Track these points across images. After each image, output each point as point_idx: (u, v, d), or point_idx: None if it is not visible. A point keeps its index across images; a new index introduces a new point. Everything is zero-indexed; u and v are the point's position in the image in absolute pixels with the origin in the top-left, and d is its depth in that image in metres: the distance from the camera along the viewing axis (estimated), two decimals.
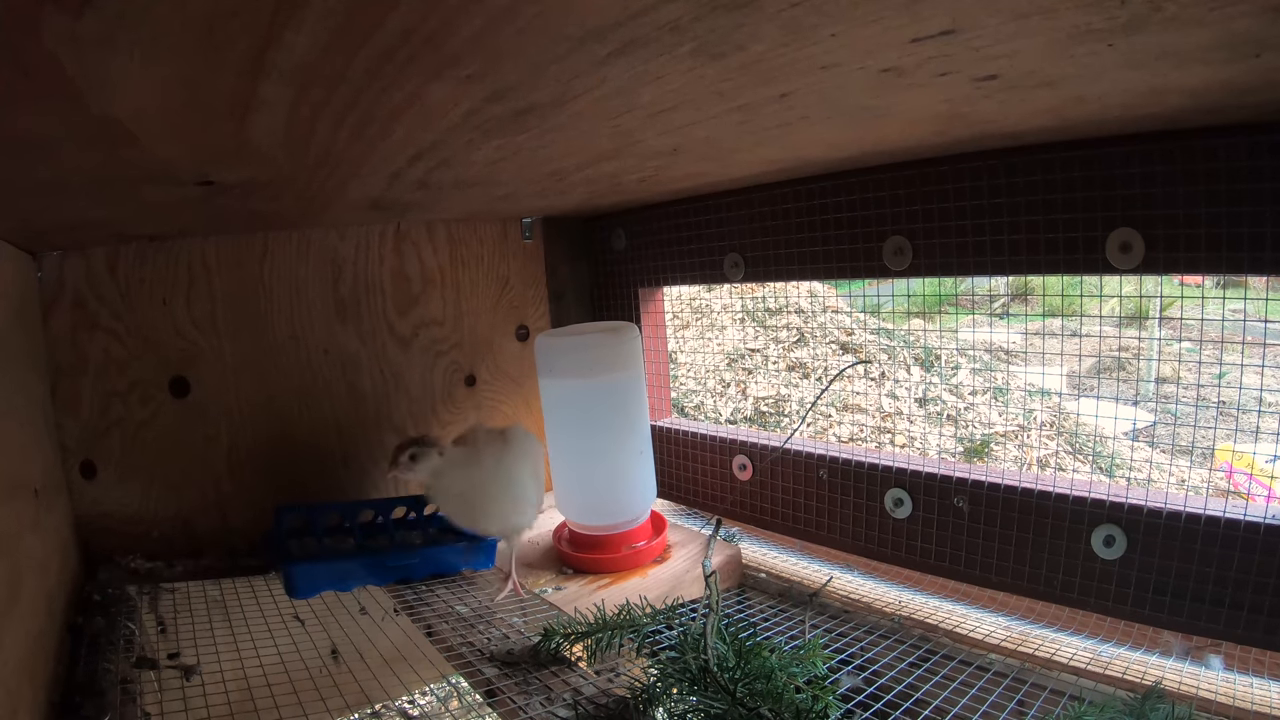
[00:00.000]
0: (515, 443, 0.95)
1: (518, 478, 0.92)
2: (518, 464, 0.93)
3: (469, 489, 0.90)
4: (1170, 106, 0.60)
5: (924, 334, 3.90)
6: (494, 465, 0.91)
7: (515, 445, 0.94)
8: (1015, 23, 0.39)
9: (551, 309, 1.34)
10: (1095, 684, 0.70)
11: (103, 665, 0.67)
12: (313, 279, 1.07)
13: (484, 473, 0.90)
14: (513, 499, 0.92)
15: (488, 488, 0.90)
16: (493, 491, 0.90)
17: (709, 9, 0.35)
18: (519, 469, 0.93)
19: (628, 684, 0.67)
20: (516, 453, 0.93)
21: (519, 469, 0.93)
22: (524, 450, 0.95)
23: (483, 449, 0.92)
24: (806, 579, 0.96)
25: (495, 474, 0.90)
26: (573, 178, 0.87)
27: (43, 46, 0.31)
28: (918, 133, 0.72)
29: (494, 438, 0.95)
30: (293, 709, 0.66)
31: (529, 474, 0.94)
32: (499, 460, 0.91)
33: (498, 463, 0.91)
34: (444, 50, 0.38)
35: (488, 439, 0.94)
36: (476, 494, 0.90)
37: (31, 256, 0.86)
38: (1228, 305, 0.73)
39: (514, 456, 0.93)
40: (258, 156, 0.56)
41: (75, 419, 0.90)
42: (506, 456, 0.92)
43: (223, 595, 0.88)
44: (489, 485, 0.90)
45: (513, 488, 0.91)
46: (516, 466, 0.92)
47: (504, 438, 0.95)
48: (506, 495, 0.91)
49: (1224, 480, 2.46)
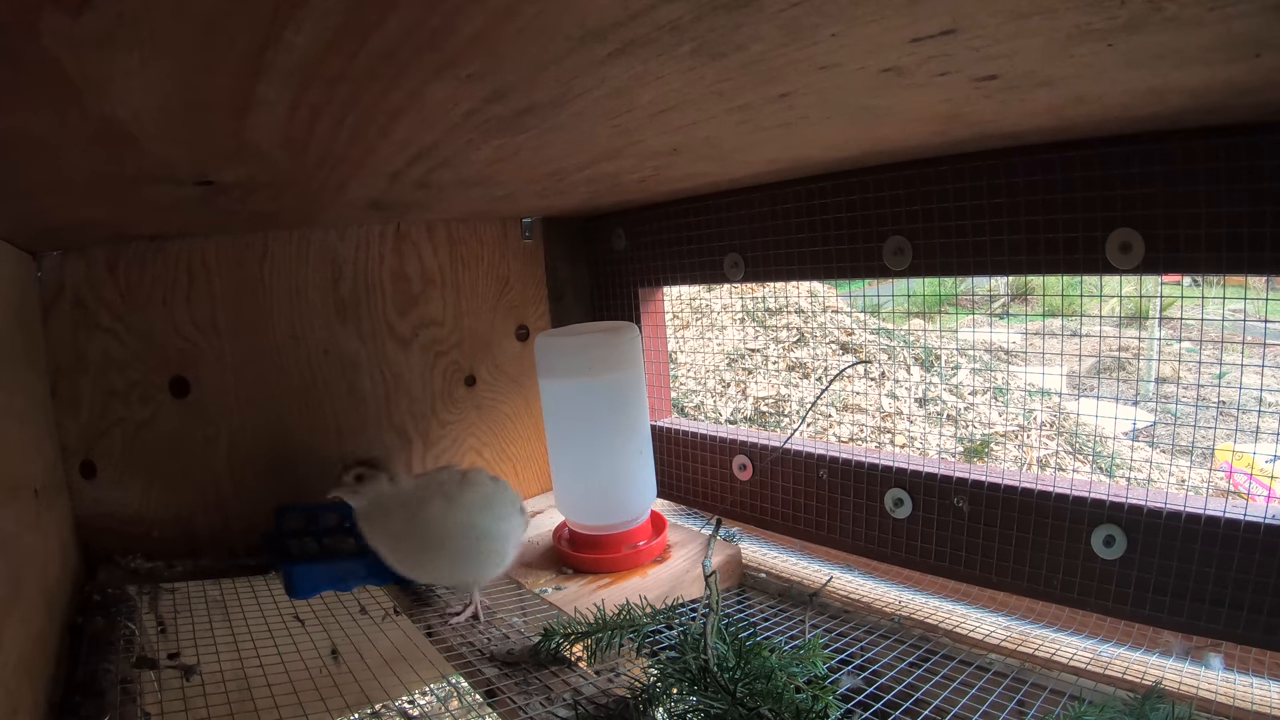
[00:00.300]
0: (474, 490, 0.83)
1: (467, 530, 0.80)
2: (472, 515, 0.81)
3: (405, 533, 0.79)
4: (1170, 106, 0.60)
5: (924, 334, 3.90)
6: (440, 514, 0.79)
7: (472, 494, 0.83)
8: (1015, 23, 0.39)
9: (551, 309, 1.34)
10: (1095, 684, 0.70)
11: (103, 665, 0.67)
12: (313, 279, 1.07)
13: (425, 521, 0.79)
14: (456, 553, 0.80)
15: (426, 536, 0.79)
16: (431, 541, 0.79)
17: (709, 9, 0.35)
18: (473, 520, 0.81)
19: (628, 684, 0.67)
20: (472, 502, 0.82)
21: (473, 520, 0.81)
22: (483, 500, 0.83)
23: (433, 492, 0.81)
24: (806, 579, 0.96)
25: (438, 524, 0.79)
26: (573, 178, 0.87)
27: (42, 46, 0.31)
28: (918, 133, 0.72)
29: (452, 482, 0.84)
30: (293, 709, 0.66)
31: (485, 527, 0.82)
32: (447, 509, 0.80)
33: (445, 512, 0.79)
34: (444, 50, 0.38)
35: (445, 482, 0.83)
36: (413, 541, 0.79)
37: (31, 256, 0.86)
38: (1228, 305, 0.73)
39: (468, 506, 0.81)
40: (257, 156, 0.56)
41: (75, 419, 0.90)
42: (456, 506, 0.80)
43: (223, 595, 0.88)
44: (428, 534, 0.79)
45: (458, 541, 0.80)
46: (469, 517, 0.81)
47: (464, 483, 0.84)
48: (448, 549, 0.80)
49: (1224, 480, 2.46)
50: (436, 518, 0.79)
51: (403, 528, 0.79)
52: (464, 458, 1.23)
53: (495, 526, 0.83)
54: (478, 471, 0.87)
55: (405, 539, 0.80)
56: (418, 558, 0.80)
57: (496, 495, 0.86)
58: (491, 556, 0.83)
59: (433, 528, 0.79)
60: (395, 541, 0.80)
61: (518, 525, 0.88)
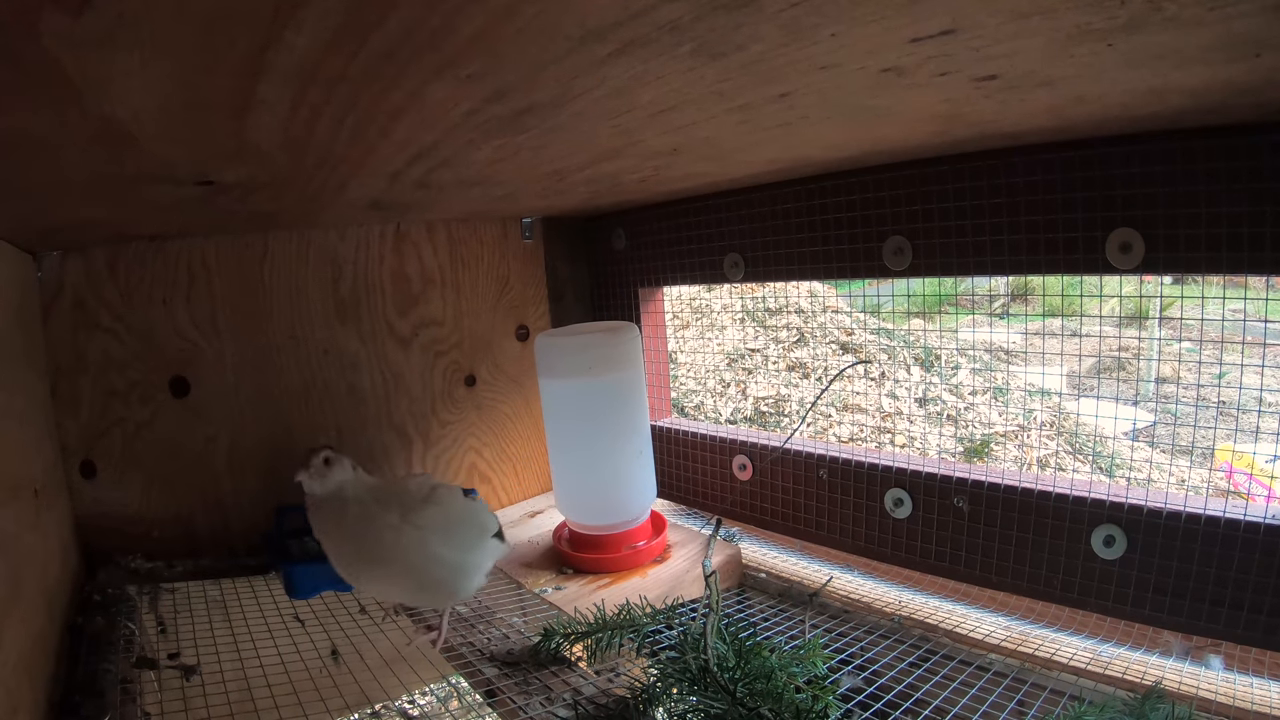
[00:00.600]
0: (435, 510, 0.77)
1: (416, 551, 0.74)
2: (425, 536, 0.74)
3: (351, 536, 0.73)
4: (1170, 106, 0.60)
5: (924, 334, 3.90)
6: (392, 527, 0.73)
7: (432, 513, 0.76)
8: (1015, 23, 0.39)
9: (551, 309, 1.34)
10: (1095, 684, 0.70)
11: (103, 665, 0.67)
12: (313, 279, 1.07)
13: (376, 530, 0.73)
14: (398, 573, 0.74)
15: (371, 548, 0.73)
16: (373, 554, 0.73)
17: (709, 9, 0.35)
18: (425, 542, 0.74)
19: (628, 684, 0.67)
20: (430, 522, 0.75)
21: (425, 542, 0.74)
22: (443, 523, 0.77)
23: (393, 501, 0.75)
24: (806, 579, 0.96)
25: (388, 537, 0.73)
26: (573, 178, 0.87)
27: (43, 46, 0.31)
28: (918, 133, 0.72)
29: (418, 494, 0.78)
30: (293, 709, 0.66)
31: (438, 553, 0.75)
32: (401, 524, 0.74)
33: (398, 527, 0.73)
34: (444, 50, 0.38)
35: (409, 493, 0.77)
36: (355, 547, 0.73)
37: (31, 256, 0.86)
38: (1228, 305, 0.73)
39: (424, 526, 0.74)
40: (258, 156, 0.56)
41: (75, 419, 0.90)
42: (411, 523, 0.74)
43: (223, 595, 0.88)
44: (374, 546, 0.73)
45: (402, 560, 0.73)
46: (423, 539, 0.74)
47: (429, 499, 0.77)
48: (388, 566, 0.73)
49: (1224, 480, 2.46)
50: (387, 530, 0.73)
51: (351, 529, 0.73)
52: (464, 458, 1.23)
53: (449, 554, 0.76)
54: (449, 489, 0.81)
55: (347, 543, 0.73)
56: (356, 568, 0.74)
57: (463, 519, 0.79)
58: (439, 586, 0.77)
59: (381, 540, 0.73)
60: (338, 544, 0.74)
61: (482, 555, 0.81)
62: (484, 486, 1.26)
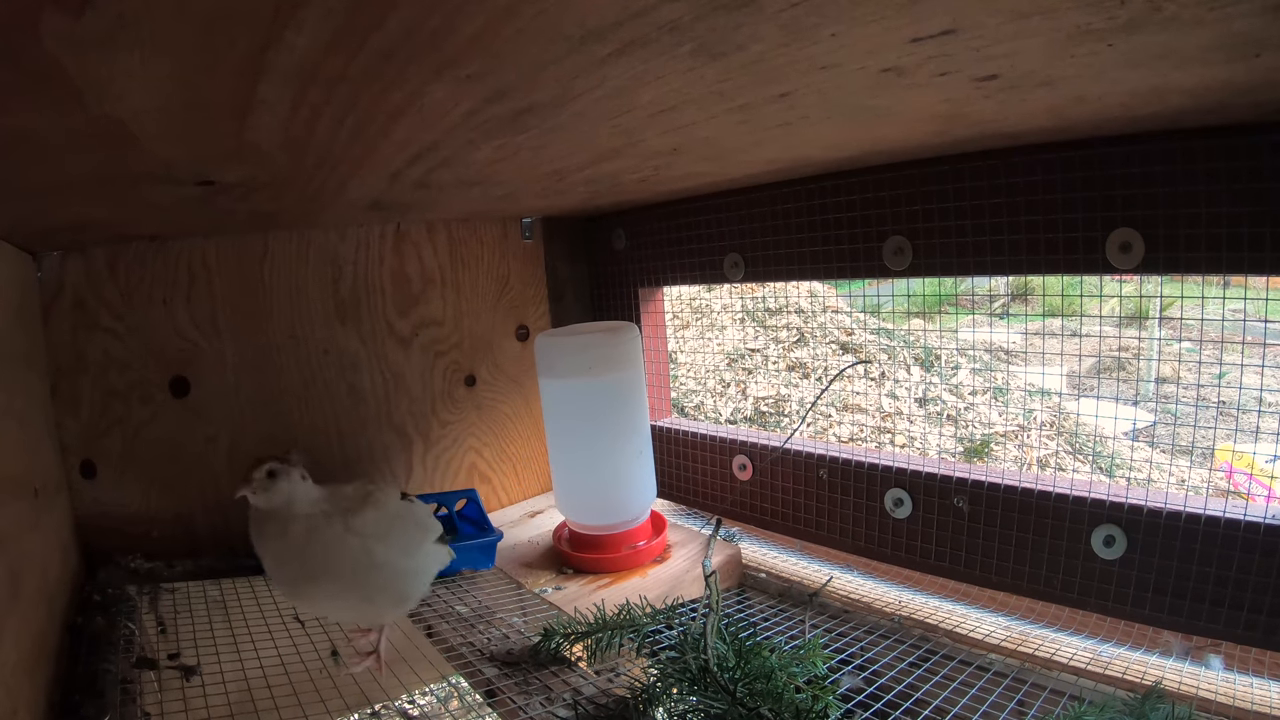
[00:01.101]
0: (373, 511, 0.73)
1: (358, 560, 0.70)
2: (367, 543, 0.70)
3: (292, 553, 0.68)
4: (1170, 106, 0.60)
5: (924, 334, 3.90)
6: (334, 538, 0.69)
7: (370, 515, 0.72)
8: (1015, 23, 0.39)
9: (551, 309, 1.34)
10: (1095, 684, 0.70)
11: (103, 665, 0.67)
12: (313, 279, 1.07)
13: (318, 543, 0.69)
14: (346, 587, 0.70)
15: (312, 562, 0.68)
16: (315, 568, 0.69)
17: (709, 9, 0.35)
18: (367, 549, 0.70)
19: (628, 684, 0.67)
20: (368, 524, 0.71)
21: (367, 549, 0.70)
22: (383, 523, 0.73)
23: (335, 510, 0.71)
24: (806, 579, 0.96)
25: (330, 549, 0.69)
26: (573, 178, 0.87)
27: (43, 46, 0.31)
28: (918, 133, 0.72)
29: (355, 496, 0.73)
30: (293, 709, 0.66)
31: (381, 558, 0.71)
32: (344, 534, 0.69)
33: (340, 537, 0.69)
34: (444, 50, 0.38)
35: (348, 498, 0.73)
36: (297, 565, 0.69)
37: (31, 256, 0.86)
38: (1228, 305, 0.73)
39: (363, 532, 0.70)
40: (258, 156, 0.56)
41: (75, 419, 0.90)
42: (352, 530, 0.70)
43: (223, 595, 0.88)
44: (315, 559, 0.68)
45: (348, 572, 0.70)
46: (364, 545, 0.70)
47: (366, 502, 0.73)
48: (340, 582, 0.70)
49: (1224, 480, 2.46)
50: (332, 541, 0.68)
51: (294, 544, 0.68)
52: (464, 457, 1.23)
53: (391, 558, 0.72)
54: (386, 490, 0.77)
55: (292, 560, 0.68)
56: (299, 586, 0.70)
57: (403, 520, 0.76)
58: (383, 595, 0.72)
59: (326, 553, 0.68)
60: (280, 562, 0.69)
61: (426, 560, 0.77)
62: (484, 486, 1.26)
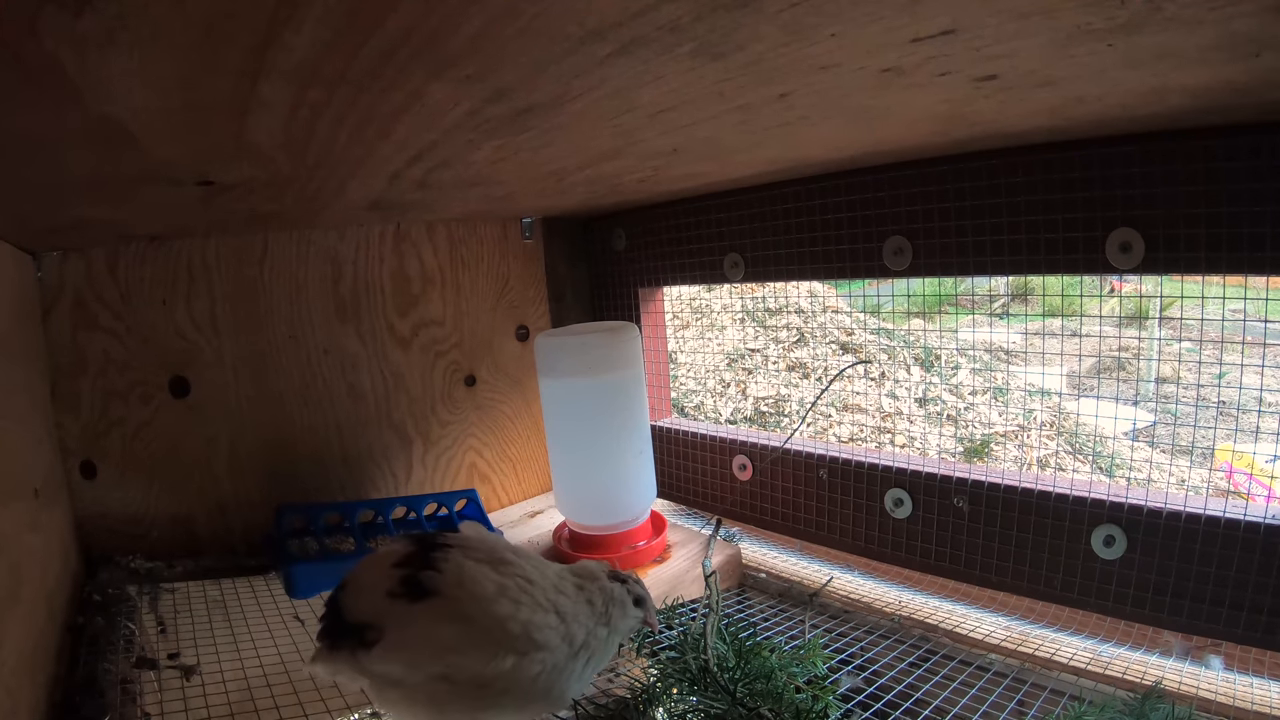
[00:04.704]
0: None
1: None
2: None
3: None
4: (1170, 106, 0.60)
5: (924, 334, 3.90)
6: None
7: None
8: (1015, 23, 0.39)
9: (551, 309, 1.34)
10: (1095, 684, 0.70)
11: (103, 665, 0.67)
12: (313, 279, 1.07)
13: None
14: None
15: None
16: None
17: (709, 9, 0.35)
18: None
19: (628, 684, 0.67)
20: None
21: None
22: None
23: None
24: (806, 579, 0.96)
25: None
26: (573, 178, 0.87)
27: (43, 46, 0.31)
28: (918, 133, 0.72)
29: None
30: (293, 709, 0.66)
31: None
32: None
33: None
34: (444, 50, 0.38)
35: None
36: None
37: (31, 256, 0.86)
38: (1228, 305, 0.73)
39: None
40: (257, 157, 0.56)
41: (75, 419, 0.90)
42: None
43: (223, 595, 0.88)
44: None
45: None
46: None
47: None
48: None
49: (1224, 480, 2.46)
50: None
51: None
52: (464, 457, 1.23)
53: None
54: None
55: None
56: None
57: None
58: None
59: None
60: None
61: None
62: (484, 486, 1.26)
